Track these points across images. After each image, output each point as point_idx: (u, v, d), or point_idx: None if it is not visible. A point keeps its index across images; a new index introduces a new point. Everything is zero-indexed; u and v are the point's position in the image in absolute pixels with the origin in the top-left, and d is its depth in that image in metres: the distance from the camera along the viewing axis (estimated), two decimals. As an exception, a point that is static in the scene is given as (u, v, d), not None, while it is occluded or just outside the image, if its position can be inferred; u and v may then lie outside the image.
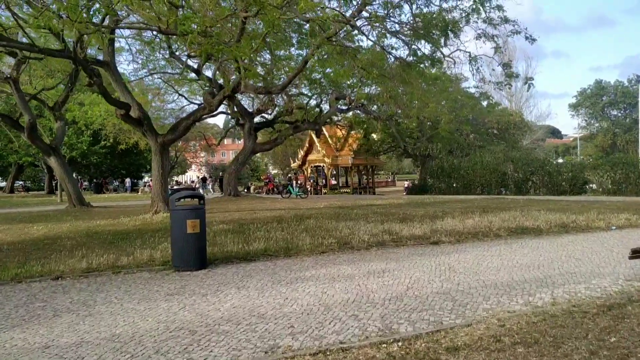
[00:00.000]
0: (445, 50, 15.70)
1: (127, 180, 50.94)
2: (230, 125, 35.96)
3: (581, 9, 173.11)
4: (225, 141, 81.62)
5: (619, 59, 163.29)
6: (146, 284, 7.19)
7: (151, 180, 46.41)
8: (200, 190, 36.85)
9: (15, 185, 51.87)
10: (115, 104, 16.50)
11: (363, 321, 5.15)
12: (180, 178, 72.00)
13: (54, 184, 41.82)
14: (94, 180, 48.47)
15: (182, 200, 8.34)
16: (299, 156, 43.85)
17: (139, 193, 43.43)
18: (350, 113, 33.88)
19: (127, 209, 21.25)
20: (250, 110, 30.43)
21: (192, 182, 53.86)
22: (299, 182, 43.53)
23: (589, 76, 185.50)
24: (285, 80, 16.43)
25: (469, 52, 15.46)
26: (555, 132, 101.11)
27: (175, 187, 33.51)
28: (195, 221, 7.98)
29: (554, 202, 19.70)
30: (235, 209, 20.05)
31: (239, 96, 30.75)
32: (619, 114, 63.37)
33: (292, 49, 25.23)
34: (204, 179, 42.75)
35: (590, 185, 28.41)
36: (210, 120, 63.75)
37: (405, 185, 45.51)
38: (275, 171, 71.13)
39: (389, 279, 7.00)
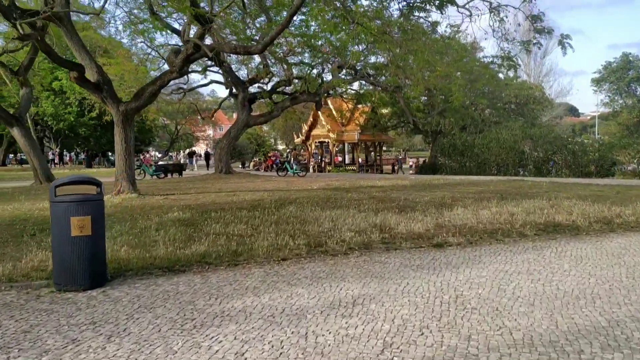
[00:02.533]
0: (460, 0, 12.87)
1: (117, 154, 48.32)
2: (225, 97, 33.24)
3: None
4: (235, 115, 78.84)
5: (637, 37, 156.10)
6: (-13, 318, 4.69)
7: (143, 154, 44.13)
8: (188, 166, 34.45)
9: (9, 157, 49.93)
10: (64, 64, 13.92)
11: None
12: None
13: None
14: (86, 153, 45.97)
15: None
16: (303, 131, 41.17)
17: None
18: (356, 84, 30.95)
19: (96, 188, 18.84)
20: (244, 80, 27.70)
21: (170, 155, 50.67)
22: (303, 159, 40.95)
23: (606, 54, 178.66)
24: (267, 38, 13.72)
25: (490, 2, 12.59)
26: (572, 110, 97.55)
27: (160, 163, 30.90)
28: (83, 219, 5.45)
29: (583, 187, 16.96)
30: (216, 189, 17.64)
31: (233, 65, 28.14)
32: (646, 90, 59.45)
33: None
34: (190, 154, 40.20)
35: (629, 166, 25.42)
36: (221, 94, 61.21)
37: (399, 159, 42.32)
38: (283, 147, 68.57)
39: (358, 322, 4.42)
